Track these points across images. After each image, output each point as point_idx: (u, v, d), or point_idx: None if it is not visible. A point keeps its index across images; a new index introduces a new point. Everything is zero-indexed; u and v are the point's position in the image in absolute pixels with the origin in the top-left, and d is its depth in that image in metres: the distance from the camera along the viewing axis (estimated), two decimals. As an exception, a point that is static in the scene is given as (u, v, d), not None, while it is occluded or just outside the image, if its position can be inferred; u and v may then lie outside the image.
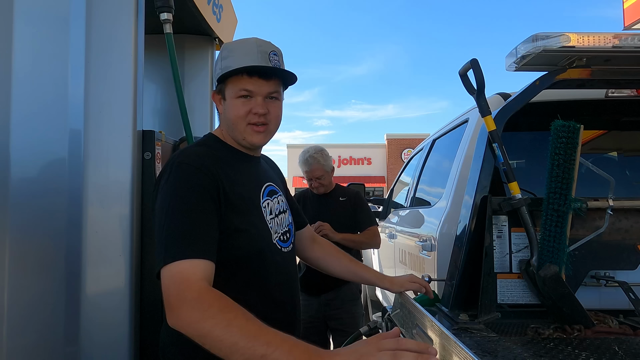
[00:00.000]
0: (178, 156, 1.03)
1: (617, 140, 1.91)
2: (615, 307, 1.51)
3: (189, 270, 0.86)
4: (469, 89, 1.54)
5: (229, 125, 1.12)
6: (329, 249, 1.47)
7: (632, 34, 1.39)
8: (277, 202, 1.20)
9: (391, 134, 20.75)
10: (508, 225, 1.52)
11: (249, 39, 1.11)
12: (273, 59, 1.09)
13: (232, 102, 1.08)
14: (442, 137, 2.52)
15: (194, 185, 0.96)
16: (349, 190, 2.64)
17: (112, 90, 1.41)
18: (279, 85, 1.12)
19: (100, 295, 1.39)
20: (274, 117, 1.12)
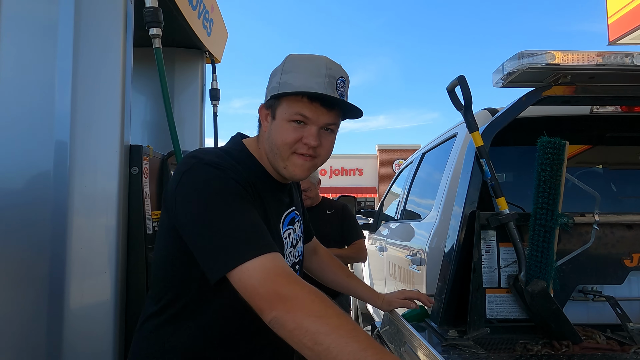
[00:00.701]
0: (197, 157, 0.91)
1: (603, 155, 1.94)
2: (602, 321, 1.52)
3: (279, 263, 0.79)
4: (456, 105, 1.55)
5: (271, 148, 0.98)
6: (327, 261, 1.43)
7: (614, 52, 1.42)
8: (295, 230, 1.12)
9: (382, 145, 20.86)
10: (496, 240, 1.53)
11: (320, 57, 0.98)
12: (340, 86, 0.97)
13: (282, 124, 0.95)
14: (431, 151, 2.53)
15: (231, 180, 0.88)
16: (336, 203, 2.64)
17: (99, 103, 1.41)
18: (339, 117, 1.00)
19: (84, 309, 1.37)
20: (324, 151, 0.99)
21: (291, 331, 0.72)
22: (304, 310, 0.72)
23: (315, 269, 1.40)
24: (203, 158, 0.90)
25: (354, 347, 0.68)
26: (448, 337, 1.33)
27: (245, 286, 0.77)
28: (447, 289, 1.47)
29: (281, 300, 0.74)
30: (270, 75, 1.02)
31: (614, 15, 7.23)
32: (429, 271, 1.87)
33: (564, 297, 1.52)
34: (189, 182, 0.87)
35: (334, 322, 0.71)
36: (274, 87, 0.97)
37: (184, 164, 0.91)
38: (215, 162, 0.90)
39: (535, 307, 1.37)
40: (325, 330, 0.70)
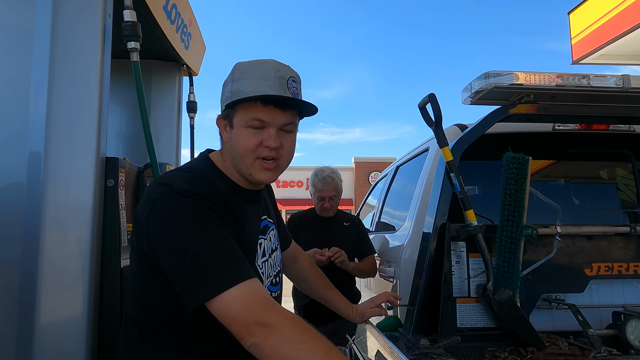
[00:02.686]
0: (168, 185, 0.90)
1: (564, 169, 2.04)
2: (565, 328, 1.59)
3: (256, 291, 0.81)
4: (427, 122, 1.62)
5: (234, 157, 0.98)
6: (308, 271, 1.43)
7: (572, 74, 1.51)
8: (269, 239, 1.12)
9: (359, 157, 21.06)
10: (466, 251, 1.59)
11: (267, 60, 0.98)
12: (292, 86, 0.96)
13: (240, 131, 0.95)
14: (405, 164, 2.60)
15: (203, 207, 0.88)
16: (351, 215, 2.65)
17: (76, 114, 1.40)
18: (295, 116, 0.99)
19: (55, 324, 1.34)
20: (286, 152, 0.99)
21: (269, 356, 0.76)
22: (281, 336, 0.76)
23: (295, 277, 1.42)
24: (174, 186, 0.89)
25: None
26: (420, 346, 1.37)
27: (224, 315, 0.79)
28: (419, 298, 1.52)
29: (259, 328, 0.77)
30: (222, 86, 1.02)
31: (577, 36, 7.61)
32: (402, 282, 1.91)
33: (530, 306, 1.58)
34: (161, 212, 0.87)
35: (309, 347, 0.75)
36: (227, 96, 0.97)
37: (155, 191, 0.91)
38: (187, 189, 0.89)
39: (503, 315, 1.43)
40: (301, 355, 0.74)
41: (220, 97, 1.04)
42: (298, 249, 1.45)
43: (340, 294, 1.44)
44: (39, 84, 1.33)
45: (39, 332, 1.28)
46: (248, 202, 1.04)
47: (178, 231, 0.85)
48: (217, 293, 0.79)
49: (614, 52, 7.19)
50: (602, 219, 1.98)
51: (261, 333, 0.76)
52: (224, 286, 0.79)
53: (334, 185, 2.46)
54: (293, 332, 0.76)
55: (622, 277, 1.64)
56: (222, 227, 0.88)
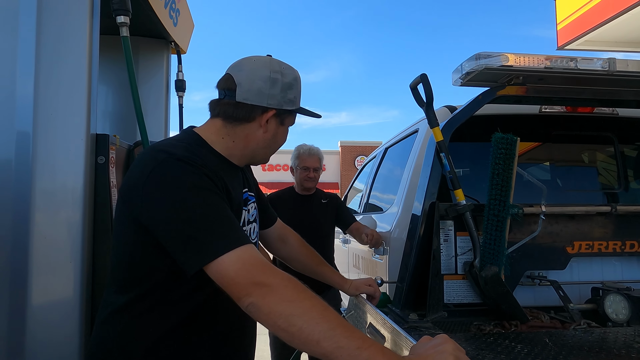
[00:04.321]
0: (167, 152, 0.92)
1: (550, 152, 2.09)
2: (547, 304, 1.66)
3: (254, 254, 0.84)
4: (418, 102, 1.64)
5: (268, 146, 1.12)
6: (299, 250, 1.46)
7: (561, 57, 1.54)
8: (249, 210, 1.16)
9: (345, 141, 21.06)
10: (454, 230, 1.63)
11: (295, 70, 1.13)
12: None
13: (286, 130, 1.14)
14: (394, 146, 2.63)
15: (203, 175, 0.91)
16: (329, 193, 2.69)
17: (64, 91, 1.37)
18: None
19: (48, 305, 1.34)
20: None
21: (267, 314, 0.78)
22: (278, 295, 0.79)
23: (286, 257, 1.44)
24: (174, 153, 0.92)
25: (324, 326, 0.75)
26: (409, 320, 1.42)
27: (222, 277, 0.82)
28: (408, 275, 1.56)
29: (257, 288, 0.79)
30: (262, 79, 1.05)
31: (563, 21, 7.66)
32: (391, 260, 1.96)
33: (514, 282, 1.64)
34: (161, 178, 0.89)
35: (306, 305, 0.78)
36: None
37: (153, 158, 0.92)
38: (187, 156, 0.92)
39: (488, 290, 1.48)
40: (297, 312, 0.77)
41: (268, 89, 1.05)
42: (286, 228, 1.47)
43: (332, 268, 1.48)
44: (25, 60, 1.30)
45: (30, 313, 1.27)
46: (234, 176, 1.10)
47: (178, 197, 0.87)
48: (217, 256, 0.82)
49: (598, 39, 7.27)
50: (585, 200, 2.05)
51: (259, 293, 0.79)
52: (224, 249, 0.82)
53: (318, 156, 2.51)
54: (289, 292, 0.79)
55: (601, 254, 1.71)
56: (219, 195, 0.92)
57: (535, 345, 1.15)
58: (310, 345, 0.75)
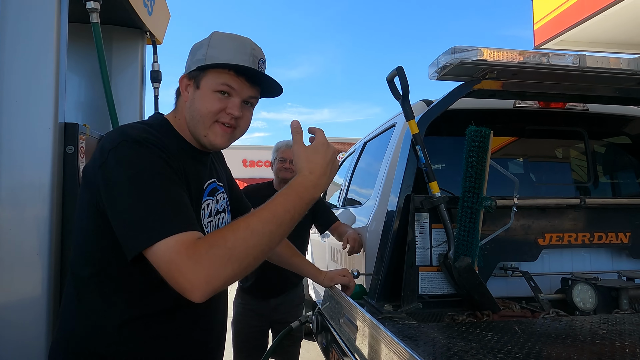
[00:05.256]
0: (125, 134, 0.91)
1: (523, 146, 2.14)
2: (519, 294, 1.69)
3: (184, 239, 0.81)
4: (395, 95, 1.64)
5: (192, 117, 1.02)
6: None
7: (534, 52, 1.57)
8: (217, 200, 1.15)
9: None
10: (429, 222, 1.65)
11: (245, 38, 1.05)
12: (261, 67, 1.05)
13: (207, 93, 1.00)
14: (372, 140, 2.64)
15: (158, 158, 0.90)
16: None
17: (31, 80, 1.33)
18: (258, 93, 1.07)
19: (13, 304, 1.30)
20: (244, 123, 1.06)
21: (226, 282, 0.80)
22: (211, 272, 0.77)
23: None
24: (131, 134, 0.91)
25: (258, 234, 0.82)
26: (383, 311, 1.43)
27: (158, 268, 0.80)
28: (384, 267, 1.57)
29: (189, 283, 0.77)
30: (193, 48, 1.05)
31: (540, 21, 7.82)
32: (369, 253, 1.97)
33: (487, 273, 1.67)
34: (116, 161, 0.87)
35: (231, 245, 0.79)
36: (200, 59, 1.01)
37: (110, 141, 0.90)
38: (143, 137, 0.90)
39: (462, 281, 1.50)
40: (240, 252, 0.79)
41: (187, 59, 1.06)
42: None
43: (307, 260, 1.47)
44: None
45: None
46: (197, 162, 1.07)
47: (130, 178, 0.85)
48: (155, 240, 0.79)
49: (573, 39, 7.46)
50: (556, 193, 2.10)
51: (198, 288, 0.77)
52: (164, 234, 0.79)
53: None
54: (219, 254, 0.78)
55: (571, 246, 1.75)
56: (173, 179, 0.90)
57: (505, 333, 1.17)
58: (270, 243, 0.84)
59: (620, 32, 7.04)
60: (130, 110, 2.24)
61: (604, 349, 1.03)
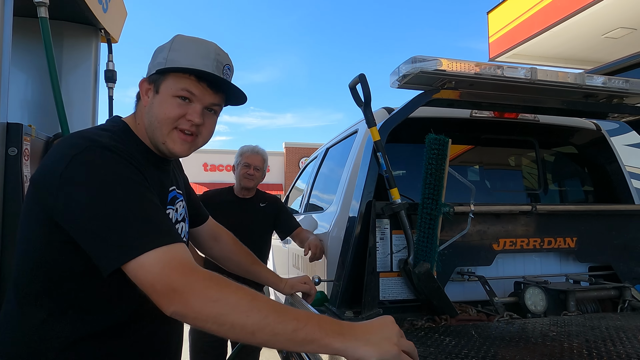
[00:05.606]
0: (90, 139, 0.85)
1: (479, 154, 2.21)
2: (475, 298, 1.74)
3: (177, 254, 0.77)
4: (357, 101, 1.65)
5: (151, 122, 0.97)
6: (232, 248, 1.41)
7: (490, 65, 1.63)
8: (176, 209, 1.10)
9: (289, 143, 21.04)
10: (390, 228, 1.66)
11: (210, 42, 1.00)
12: (226, 73, 1.01)
13: (166, 98, 0.95)
14: (334, 146, 2.65)
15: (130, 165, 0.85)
16: (268, 195, 2.59)
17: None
18: (222, 100, 1.02)
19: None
20: (207, 131, 1.01)
21: (194, 319, 0.74)
22: (201, 298, 0.73)
23: (219, 256, 1.39)
24: (97, 140, 0.85)
25: (256, 317, 0.72)
26: (344, 318, 1.42)
27: (140, 281, 0.75)
28: (345, 273, 1.57)
29: (177, 295, 0.73)
30: (155, 51, 1.02)
31: (495, 34, 8.20)
32: (330, 259, 1.96)
33: (445, 278, 1.71)
34: (81, 167, 0.81)
35: (232, 301, 0.73)
36: (160, 62, 0.97)
37: (74, 146, 0.84)
38: (112, 145, 0.86)
39: (421, 286, 1.52)
40: (224, 311, 0.72)
41: (149, 62, 1.02)
42: (218, 226, 1.41)
43: (267, 267, 1.45)
44: None
45: None
46: (158, 169, 1.03)
47: (99, 188, 0.80)
48: (135, 255, 0.75)
49: (524, 53, 7.87)
50: (510, 200, 2.18)
51: (180, 300, 0.73)
52: (144, 248, 0.75)
53: (262, 156, 2.44)
54: (212, 291, 0.74)
55: (523, 251, 1.82)
56: (147, 188, 0.85)
57: (463, 337, 1.20)
58: (246, 338, 0.72)
59: (567, 47, 7.51)
60: (82, 111, 2.13)
61: (554, 350, 1.08)
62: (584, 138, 2.32)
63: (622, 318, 1.39)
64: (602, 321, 1.34)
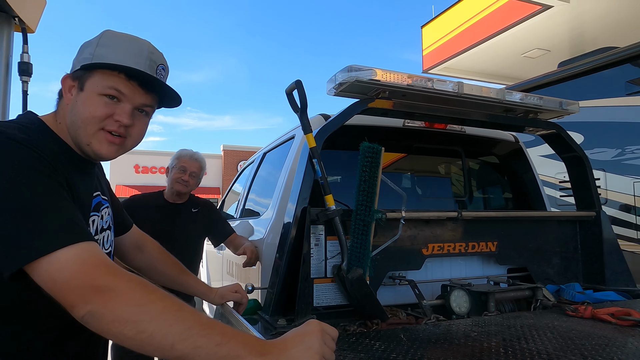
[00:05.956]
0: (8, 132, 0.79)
1: (411, 162, 2.30)
2: (406, 301, 1.80)
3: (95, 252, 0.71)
4: (293, 107, 1.65)
5: (73, 122, 0.90)
6: (158, 257, 1.34)
7: (421, 77, 1.70)
8: (102, 216, 1.04)
9: (228, 145, 20.63)
10: (325, 234, 1.68)
11: (142, 40, 0.95)
12: (160, 73, 0.95)
13: (92, 97, 0.89)
14: (272, 151, 2.63)
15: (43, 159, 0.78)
16: (201, 200, 2.48)
17: None
18: (155, 101, 0.97)
19: None
20: (136, 133, 0.95)
21: (109, 324, 0.68)
22: (123, 300, 0.68)
23: (143, 267, 1.31)
24: (7, 133, 0.78)
25: (179, 328, 0.67)
26: (277, 326, 1.40)
27: (53, 279, 0.69)
28: (279, 280, 1.55)
29: (97, 293, 0.68)
30: (82, 46, 0.95)
31: (428, 48, 8.64)
32: (265, 266, 1.93)
33: (378, 283, 1.75)
34: None
35: (157, 308, 0.69)
36: (86, 57, 0.91)
37: None
38: (22, 138, 0.79)
39: (354, 292, 1.55)
40: (147, 317, 0.68)
41: (74, 57, 0.94)
42: (143, 235, 1.35)
43: (196, 277, 1.39)
44: None
45: None
46: (81, 172, 0.96)
47: (9, 181, 0.73)
48: (48, 251, 0.69)
49: (454, 67, 8.37)
50: (439, 206, 2.29)
51: (100, 299, 0.67)
52: (58, 244, 0.69)
53: (200, 163, 2.35)
54: (137, 294, 0.69)
55: (450, 255, 1.92)
56: (60, 185, 0.79)
57: (392, 341, 1.23)
58: (164, 350, 0.67)
59: (491, 64, 8.10)
60: (-9, 106, 1.92)
61: (474, 350, 1.14)
62: (504, 149, 2.51)
63: (535, 316, 1.51)
64: (517, 320, 1.45)
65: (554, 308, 1.67)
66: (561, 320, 1.45)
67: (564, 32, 6.73)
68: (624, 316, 1.38)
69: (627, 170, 3.60)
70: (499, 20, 6.81)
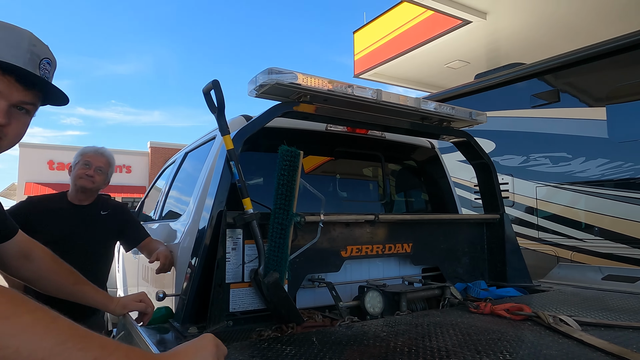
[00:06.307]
0: None
1: (334, 166, 2.34)
2: (324, 303, 1.82)
3: None
4: (211, 108, 1.60)
5: None
6: (49, 266, 1.22)
7: (342, 83, 1.73)
8: None
9: (156, 142, 19.65)
10: (242, 238, 1.64)
11: (23, 30, 0.86)
12: (44, 67, 0.87)
13: None
14: (193, 151, 2.53)
15: None
16: (112, 202, 2.27)
17: None
18: (37, 99, 0.89)
19: None
20: (13, 134, 0.87)
21: None
22: None
23: (32, 277, 1.19)
24: None
25: (51, 342, 0.61)
26: (188, 334, 1.35)
27: None
28: (192, 286, 1.49)
29: None
30: None
31: (359, 53, 8.88)
32: (180, 271, 1.86)
33: (297, 286, 1.75)
34: None
35: (24, 320, 0.62)
36: None
37: None
38: None
39: (270, 296, 1.53)
40: (12, 331, 0.60)
41: None
42: (31, 242, 1.23)
43: (95, 286, 1.29)
44: None
45: None
46: None
47: None
48: None
49: (384, 73, 8.69)
50: (359, 209, 2.35)
51: None
52: None
53: (107, 158, 2.18)
54: (3, 307, 0.61)
55: (368, 256, 1.98)
56: None
57: (303, 345, 1.23)
58: None
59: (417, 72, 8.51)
60: None
61: (381, 350, 1.17)
62: (422, 155, 2.64)
63: (442, 314, 1.60)
64: (425, 318, 1.52)
65: (460, 305, 1.78)
66: (464, 317, 1.54)
67: (481, 46, 7.27)
68: (517, 311, 1.51)
69: (531, 175, 3.97)
70: (424, 31, 7.19)
